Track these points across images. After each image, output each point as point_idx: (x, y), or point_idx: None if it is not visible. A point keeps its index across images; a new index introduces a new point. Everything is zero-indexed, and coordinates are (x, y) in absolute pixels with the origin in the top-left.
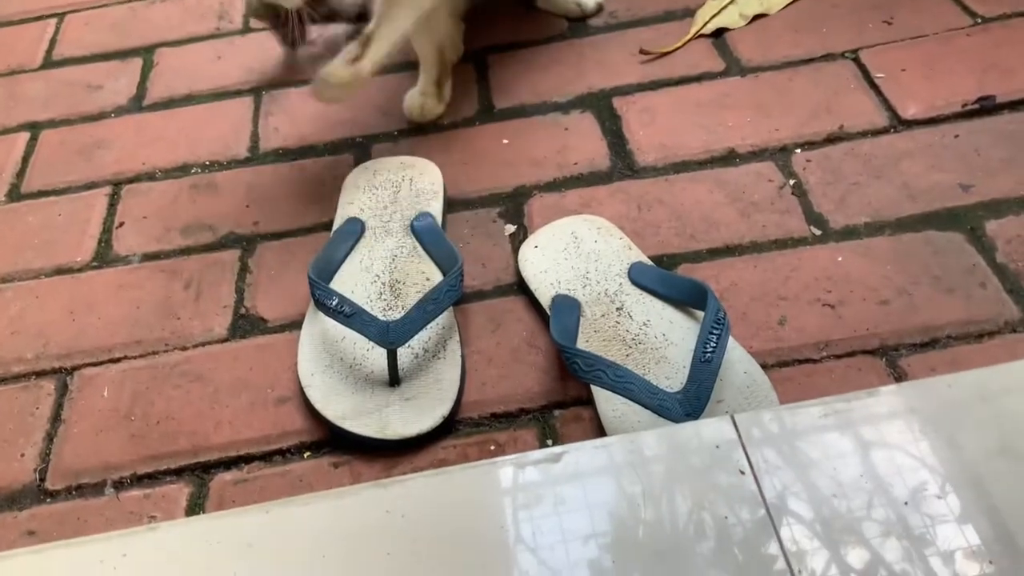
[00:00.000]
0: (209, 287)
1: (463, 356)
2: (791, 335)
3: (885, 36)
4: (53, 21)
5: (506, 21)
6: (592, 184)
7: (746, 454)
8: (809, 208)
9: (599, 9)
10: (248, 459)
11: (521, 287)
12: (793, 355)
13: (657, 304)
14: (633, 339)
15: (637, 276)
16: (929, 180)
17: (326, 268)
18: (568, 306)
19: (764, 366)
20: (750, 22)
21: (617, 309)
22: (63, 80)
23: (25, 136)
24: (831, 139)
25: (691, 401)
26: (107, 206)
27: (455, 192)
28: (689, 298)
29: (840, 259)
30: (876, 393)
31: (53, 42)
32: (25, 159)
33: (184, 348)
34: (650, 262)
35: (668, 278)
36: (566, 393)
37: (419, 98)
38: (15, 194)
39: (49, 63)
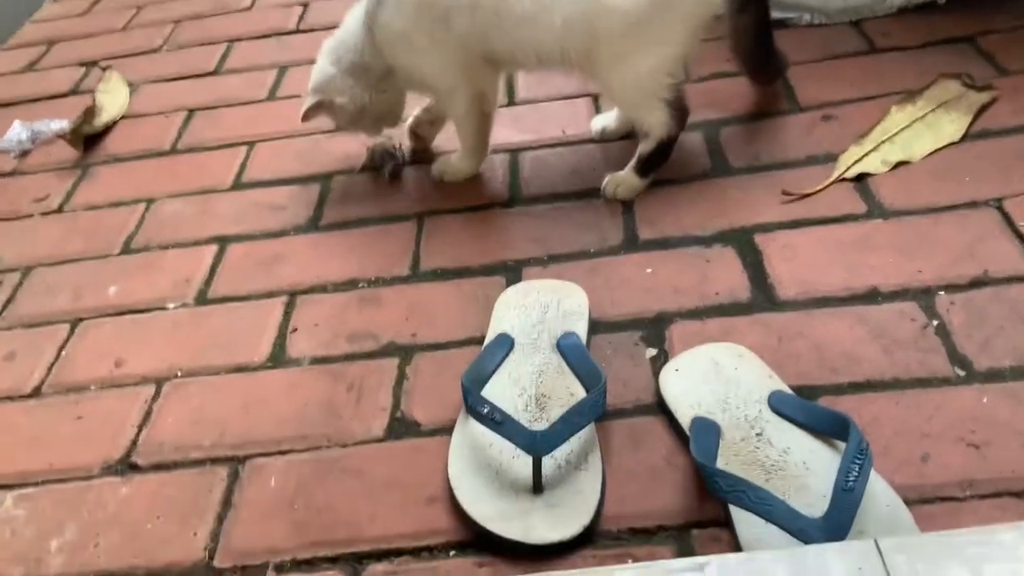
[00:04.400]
0: (369, 391)
1: (604, 470)
2: (934, 472)
3: None
4: (244, 148)
5: None
6: (733, 314)
7: None
8: (953, 349)
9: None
10: (399, 553)
11: (661, 408)
12: (936, 493)
13: (797, 432)
14: (772, 465)
15: (777, 404)
16: None
17: (477, 379)
18: (708, 428)
19: (906, 502)
20: (892, 169)
21: (757, 435)
22: (250, 200)
23: (214, 248)
24: (975, 283)
25: (832, 528)
26: (283, 313)
27: (599, 315)
28: (830, 428)
29: (985, 400)
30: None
31: (243, 167)
32: (213, 268)
33: (344, 445)
34: (790, 391)
35: (809, 408)
36: (704, 513)
37: (445, 163)
38: (202, 299)
39: (239, 185)
